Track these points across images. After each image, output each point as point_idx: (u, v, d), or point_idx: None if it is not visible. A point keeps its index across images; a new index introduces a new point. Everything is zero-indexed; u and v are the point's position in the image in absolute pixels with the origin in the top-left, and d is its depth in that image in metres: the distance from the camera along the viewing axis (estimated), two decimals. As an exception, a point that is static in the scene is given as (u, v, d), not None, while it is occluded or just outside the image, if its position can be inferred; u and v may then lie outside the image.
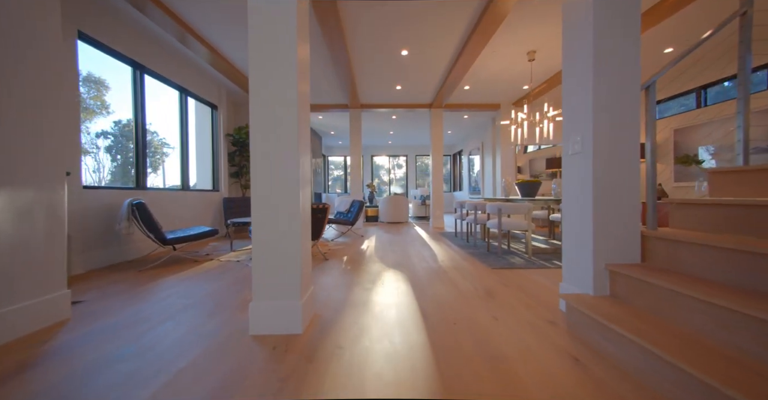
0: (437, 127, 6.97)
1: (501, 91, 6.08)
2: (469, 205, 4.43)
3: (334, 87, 5.82)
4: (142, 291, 2.38)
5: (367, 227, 7.07)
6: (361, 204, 5.35)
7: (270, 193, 1.69)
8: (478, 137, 9.35)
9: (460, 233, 5.63)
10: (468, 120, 8.55)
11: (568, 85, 1.89)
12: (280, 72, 1.68)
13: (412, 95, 6.31)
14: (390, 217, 7.86)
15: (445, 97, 6.26)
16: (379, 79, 5.47)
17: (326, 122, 8.65)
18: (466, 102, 6.83)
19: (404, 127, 9.37)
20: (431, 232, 6.13)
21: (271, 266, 1.67)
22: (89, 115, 3.69)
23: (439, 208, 6.98)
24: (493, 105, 6.89)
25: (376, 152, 12.91)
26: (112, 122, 3.81)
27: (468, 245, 4.49)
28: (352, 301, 2.14)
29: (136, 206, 3.03)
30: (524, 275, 2.81)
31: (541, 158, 8.04)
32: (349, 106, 6.77)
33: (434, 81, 5.56)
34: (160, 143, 4.75)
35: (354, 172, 6.94)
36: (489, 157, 8.55)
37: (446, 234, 5.69)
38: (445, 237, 5.32)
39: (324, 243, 4.76)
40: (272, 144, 1.69)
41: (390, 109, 6.98)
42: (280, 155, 1.69)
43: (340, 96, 6.33)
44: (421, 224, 7.63)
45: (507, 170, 7.04)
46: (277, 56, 1.67)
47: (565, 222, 1.91)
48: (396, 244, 4.66)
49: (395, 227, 7.19)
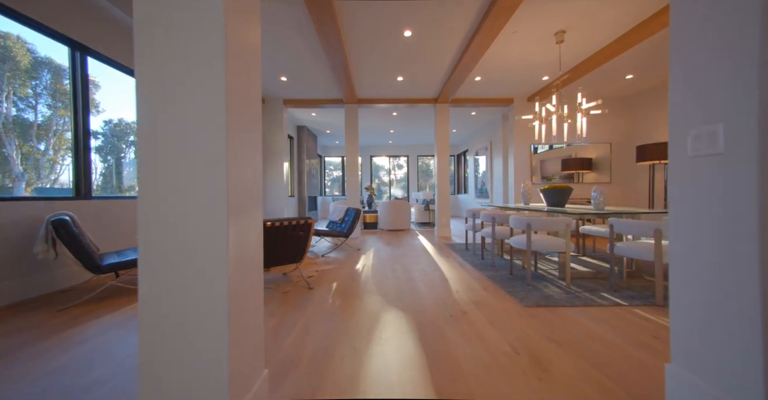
0: (443, 125, 6.23)
1: (516, 82, 5.35)
2: (485, 215, 3.70)
3: (327, 78, 5.09)
4: (42, 349, 1.65)
5: (365, 236, 6.34)
6: (357, 212, 4.63)
7: (171, 218, 0.95)
8: (486, 136, 8.62)
9: (472, 245, 4.89)
10: (475, 117, 7.82)
11: (682, 43, 1.15)
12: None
13: (415, 88, 5.59)
14: (390, 224, 7.14)
15: (452, 91, 5.53)
16: (378, 68, 4.74)
17: (320, 120, 7.92)
18: (475, 96, 6.09)
19: (406, 126, 8.64)
20: (437, 242, 5.40)
21: (170, 358, 0.94)
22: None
23: (445, 214, 6.25)
24: (505, 100, 6.16)
25: (375, 153, 12.19)
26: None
27: (484, 264, 3.76)
28: (334, 376, 1.41)
29: (57, 224, 2.30)
30: (574, 319, 2.07)
31: (555, 159, 7.28)
32: (345, 101, 6.04)
33: (441, 70, 4.83)
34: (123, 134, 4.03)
35: (350, 175, 6.20)
36: (498, 157, 7.82)
37: (455, 246, 4.96)
38: (455, 251, 4.59)
39: (313, 260, 4.03)
40: (173, 122, 0.96)
41: (390, 105, 6.26)
42: (191, 144, 0.96)
43: (333, 90, 5.60)
44: (425, 232, 6.89)
45: (521, 173, 6.30)
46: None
47: (681, 267, 1.17)
48: (397, 261, 3.93)
49: (396, 235, 6.46)
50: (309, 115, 7.44)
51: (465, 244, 4.98)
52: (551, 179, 7.63)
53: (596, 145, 6.50)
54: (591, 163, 6.64)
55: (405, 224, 7.22)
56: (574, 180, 6.66)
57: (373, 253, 4.52)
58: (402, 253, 4.51)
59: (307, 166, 8.53)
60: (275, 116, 6.01)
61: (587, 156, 6.60)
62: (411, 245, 5.15)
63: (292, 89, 5.59)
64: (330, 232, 4.37)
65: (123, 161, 4.14)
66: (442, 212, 6.24)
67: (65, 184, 3.21)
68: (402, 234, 6.63)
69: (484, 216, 3.72)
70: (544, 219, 2.86)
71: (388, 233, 6.76)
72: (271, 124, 6.01)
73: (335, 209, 5.03)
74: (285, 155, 6.16)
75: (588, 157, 6.66)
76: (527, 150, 6.34)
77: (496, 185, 7.98)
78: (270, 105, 6.01)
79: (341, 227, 4.68)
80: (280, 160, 6.04)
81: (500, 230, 3.63)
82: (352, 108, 6.13)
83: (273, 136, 6.02)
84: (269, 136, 6.01)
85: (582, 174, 6.70)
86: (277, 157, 6.03)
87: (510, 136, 6.35)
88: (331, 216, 4.95)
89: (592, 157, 6.68)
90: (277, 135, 6.03)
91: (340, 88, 5.37)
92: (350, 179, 6.20)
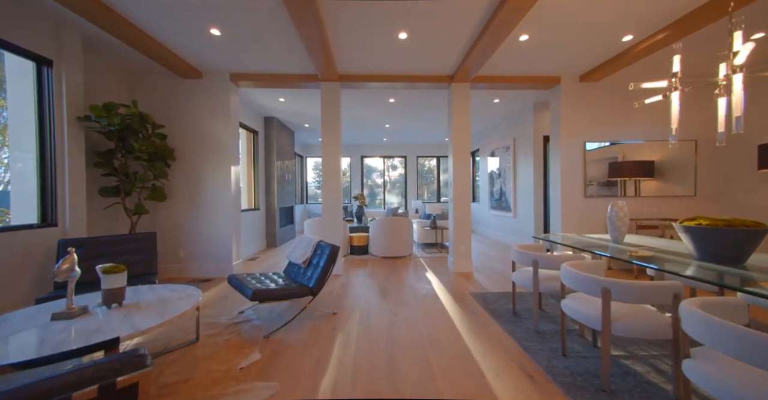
0: (461, 112, 4.39)
1: (579, 46, 3.54)
2: (572, 277, 1.85)
3: (291, 38, 3.20)
4: None
5: (350, 271, 4.47)
6: (333, 252, 2.76)
7: None
8: (508, 132, 6.82)
9: (526, 310, 3.02)
10: (498, 106, 6.00)
11: None
12: None
13: (423, 59, 3.73)
14: (386, 249, 5.28)
15: (476, 63, 3.70)
16: (370, 18, 2.88)
17: (294, 109, 6.01)
18: (506, 73, 4.27)
19: (406, 118, 6.78)
20: (456, 287, 3.57)
21: None
22: None
23: (464, 239, 4.40)
24: (547, 79, 4.36)
25: (367, 153, 10.31)
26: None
27: (576, 365, 1.91)
28: None
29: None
30: None
31: (595, 162, 5.41)
32: (321, 78, 4.16)
33: (469, 22, 2.98)
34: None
35: (329, 181, 4.32)
36: (526, 159, 6.02)
37: (488, 300, 3.12)
38: (496, 317, 2.74)
39: (252, 343, 2.15)
40: None
41: (387, 87, 4.40)
42: None
43: (303, 59, 3.71)
44: (434, 262, 5.05)
45: (571, 181, 4.51)
46: None
47: None
48: (399, 347, 2.07)
49: (394, 269, 4.60)
50: (277, 102, 5.53)
51: (512, 305, 3.08)
52: (588, 186, 5.80)
53: (658, 144, 4.69)
54: (652, 167, 4.83)
55: (405, 247, 5.37)
56: (621, 191, 4.83)
57: (358, 321, 2.65)
58: (407, 321, 2.65)
59: (278, 170, 6.63)
60: (217, 96, 4.10)
61: (644, 158, 4.78)
62: (419, 297, 3.30)
63: (243, 58, 3.69)
64: (282, 290, 2.50)
65: None
66: (461, 236, 4.40)
67: None
68: (402, 266, 4.77)
69: (572, 279, 1.86)
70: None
71: (383, 264, 4.90)
72: (210, 107, 4.09)
73: (299, 242, 3.14)
74: (235, 154, 4.25)
75: (648, 159, 4.85)
76: (579, 149, 4.55)
77: (522, 195, 6.18)
78: (209, 80, 4.09)
79: (304, 278, 2.80)
80: (226, 160, 4.13)
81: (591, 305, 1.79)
82: (332, 88, 4.24)
83: (215, 125, 4.10)
84: (208, 125, 4.09)
85: (638, 182, 4.89)
86: (221, 155, 4.12)
87: (556, 128, 4.53)
88: (292, 254, 3.06)
89: (654, 160, 4.86)
90: (221, 124, 4.11)
91: (314, 58, 3.47)
92: (329, 187, 4.32)
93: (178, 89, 4.06)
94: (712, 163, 4.53)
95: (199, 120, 4.08)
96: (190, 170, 4.06)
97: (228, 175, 4.13)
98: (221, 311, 2.89)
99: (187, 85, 4.07)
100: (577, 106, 4.41)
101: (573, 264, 2.01)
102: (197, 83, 4.08)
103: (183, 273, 4.09)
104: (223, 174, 4.12)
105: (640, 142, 4.75)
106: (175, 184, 4.04)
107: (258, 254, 5.78)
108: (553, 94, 4.57)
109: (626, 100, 4.46)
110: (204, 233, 4.10)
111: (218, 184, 4.12)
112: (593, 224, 4.45)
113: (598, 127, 4.51)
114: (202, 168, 4.09)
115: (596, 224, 4.46)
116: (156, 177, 3.63)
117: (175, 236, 4.06)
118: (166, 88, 4.05)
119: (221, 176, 4.12)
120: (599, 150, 5.81)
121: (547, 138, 5.79)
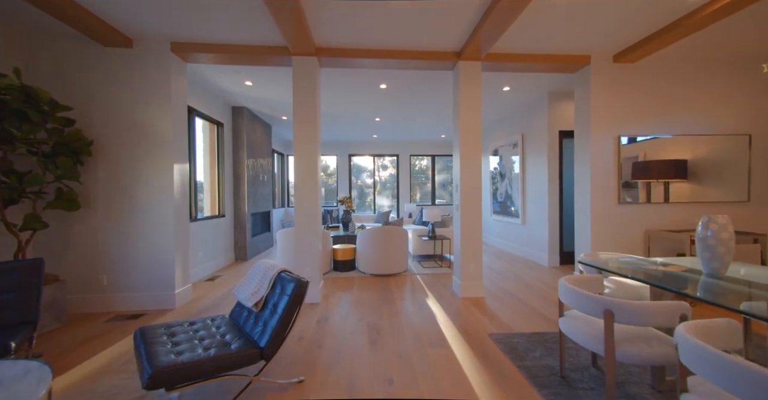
0: (471, 94, 3.52)
1: (621, 15, 2.71)
2: (570, 294, 1.00)
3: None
4: None
5: (330, 297, 3.55)
6: (298, 291, 1.84)
7: None
8: (516, 126, 6.01)
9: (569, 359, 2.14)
10: (506, 97, 5.17)
11: None
12: None
13: (426, 26, 2.84)
14: (376, 264, 4.38)
15: (492, 35, 2.84)
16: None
17: (266, 96, 5.04)
18: (527, 50, 3.43)
19: (398, 110, 5.88)
20: (468, 321, 2.69)
21: None
22: None
23: (473, 256, 3.53)
24: (575, 58, 3.54)
25: (356, 151, 9.38)
26: None
27: None
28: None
29: None
30: None
31: (622, 161, 4.58)
32: (292, 52, 3.22)
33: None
34: None
35: (304, 187, 3.38)
36: (538, 157, 5.22)
37: (518, 353, 2.26)
38: (532, 376, 1.87)
39: None
40: None
41: (378, 68, 3.50)
42: None
43: (269, 27, 2.76)
44: (433, 279, 4.17)
45: (603, 181, 3.70)
46: None
47: None
48: None
49: (386, 290, 3.70)
50: (243, 86, 4.55)
51: (560, 364, 2.22)
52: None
53: (689, 139, 3.91)
54: (685, 167, 4.05)
55: (400, 263, 4.47)
56: (644, 195, 3.98)
57: (334, 397, 1.75)
58: (408, 394, 1.76)
59: (250, 169, 5.64)
60: (154, 72, 3.10)
61: (671, 156, 3.97)
62: (422, 343, 2.40)
63: (189, 21, 2.73)
64: (203, 365, 1.57)
65: None
66: (470, 253, 3.52)
67: None
68: (396, 288, 3.87)
69: (569, 294, 1.00)
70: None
71: (373, 285, 3.99)
72: (144, 87, 3.09)
73: (252, 273, 2.20)
74: (181, 149, 3.28)
75: (681, 158, 4.05)
76: (613, 144, 3.74)
77: (533, 200, 5.38)
78: (142, 50, 3.09)
79: (255, 330, 1.87)
80: (168, 157, 3.15)
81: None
82: (307, 65, 3.31)
83: (152, 110, 3.11)
84: (142, 111, 3.10)
85: (667, 185, 4.08)
86: (160, 151, 3.13)
87: (587, 120, 3.70)
88: (240, 290, 2.12)
89: (686, 159, 4.08)
90: (160, 109, 3.12)
91: (279, 21, 2.53)
92: (302, 193, 3.38)
93: (98, 61, 3.04)
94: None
95: (128, 103, 3.08)
96: (116, 170, 3.06)
97: (170, 177, 3.15)
98: (122, 386, 1.91)
99: (110, 56, 3.05)
100: (612, 92, 3.61)
101: (569, 279, 1.15)
102: (126, 54, 3.08)
103: (107, 306, 3.08)
104: (162, 175, 3.13)
105: (668, 137, 3.94)
106: (94, 188, 3.03)
107: (221, 270, 4.78)
108: (580, 77, 3.75)
109: (675, 84, 3.67)
110: (136, 252, 3.11)
111: (156, 189, 3.13)
112: (631, 239, 3.65)
113: (637, 118, 3.70)
114: (134, 167, 3.09)
115: (633, 240, 3.66)
116: (60, 178, 2.63)
117: (95, 256, 3.05)
118: (79, 59, 3.01)
119: (160, 178, 3.13)
120: (624, 146, 4.97)
121: (564, 133, 5.00)
